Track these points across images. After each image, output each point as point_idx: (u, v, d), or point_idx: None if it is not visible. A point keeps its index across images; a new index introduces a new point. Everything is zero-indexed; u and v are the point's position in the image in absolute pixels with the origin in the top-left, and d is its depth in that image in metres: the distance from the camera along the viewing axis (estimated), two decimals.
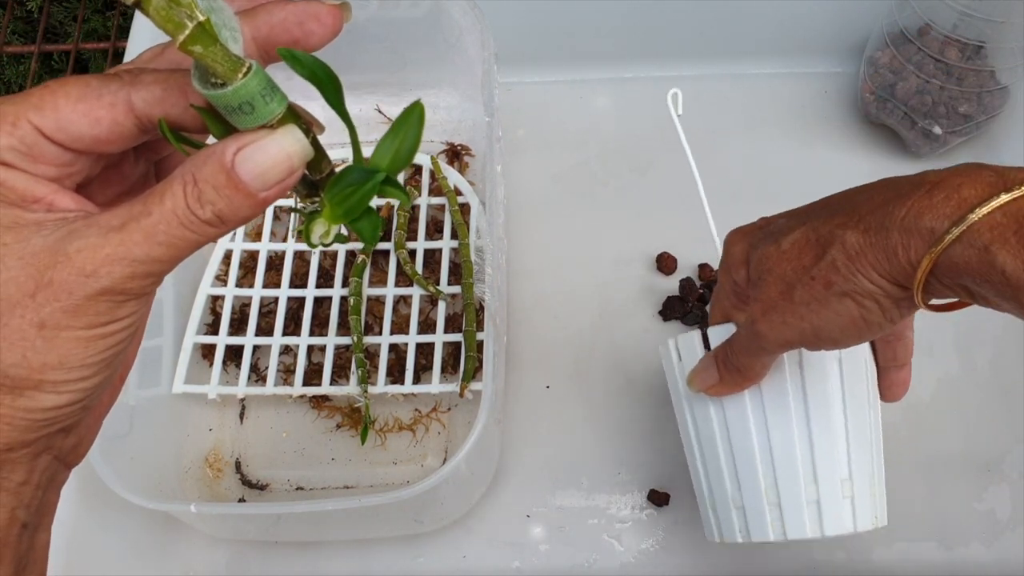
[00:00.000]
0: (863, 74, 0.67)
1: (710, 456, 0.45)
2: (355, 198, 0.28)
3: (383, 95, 0.71)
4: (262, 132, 0.26)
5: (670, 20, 0.70)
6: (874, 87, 0.66)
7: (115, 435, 0.50)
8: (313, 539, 0.56)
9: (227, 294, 0.62)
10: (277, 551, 0.55)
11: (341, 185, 0.28)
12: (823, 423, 0.43)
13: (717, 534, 0.46)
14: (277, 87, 0.26)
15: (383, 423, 0.59)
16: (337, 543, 0.56)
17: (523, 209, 0.67)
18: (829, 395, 0.43)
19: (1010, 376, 0.59)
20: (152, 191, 0.25)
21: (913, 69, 0.63)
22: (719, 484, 0.45)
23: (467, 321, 0.59)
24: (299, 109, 0.27)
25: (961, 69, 0.62)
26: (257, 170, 0.25)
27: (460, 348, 0.59)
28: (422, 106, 0.28)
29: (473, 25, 0.61)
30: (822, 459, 0.43)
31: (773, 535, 0.43)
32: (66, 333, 0.25)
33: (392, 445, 0.58)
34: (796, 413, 0.43)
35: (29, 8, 0.89)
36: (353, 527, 0.55)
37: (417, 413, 0.59)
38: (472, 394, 0.56)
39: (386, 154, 0.29)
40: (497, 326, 0.51)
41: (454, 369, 0.59)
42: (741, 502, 0.44)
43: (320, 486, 0.57)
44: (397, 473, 0.57)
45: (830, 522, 0.43)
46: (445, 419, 0.59)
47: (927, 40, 0.62)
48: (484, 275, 0.51)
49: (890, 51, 0.65)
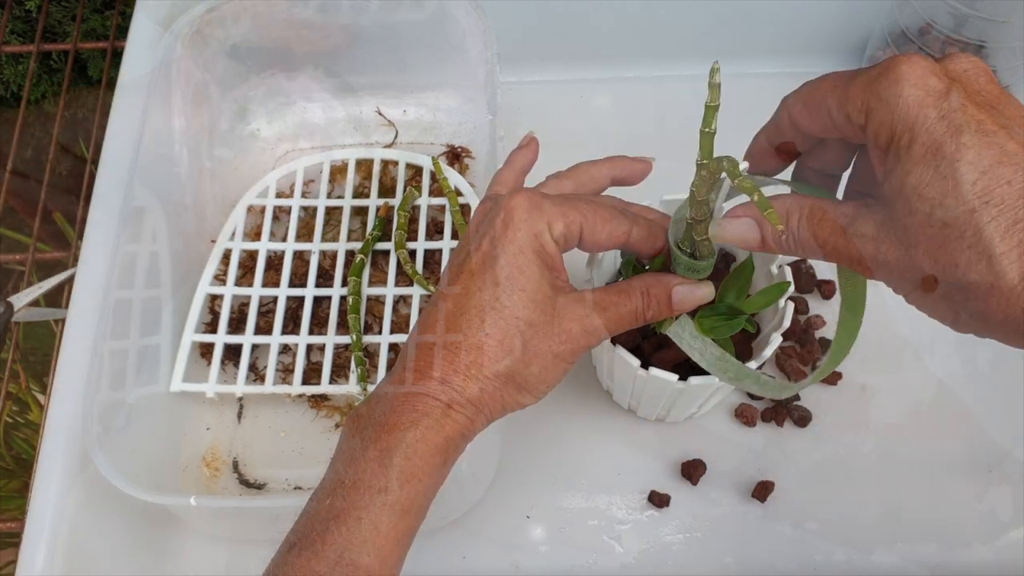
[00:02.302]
0: None
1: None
2: (725, 327, 0.44)
3: (384, 97, 0.71)
4: (692, 281, 0.41)
5: (670, 20, 0.70)
6: None
7: (113, 430, 0.50)
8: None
9: (226, 293, 0.62)
10: (275, 550, 0.55)
11: (713, 315, 0.44)
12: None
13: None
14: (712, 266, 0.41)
15: None
16: None
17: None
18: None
19: (1011, 377, 0.59)
20: (621, 290, 0.41)
21: None
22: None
23: None
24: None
25: None
26: (682, 301, 0.41)
27: None
28: (787, 285, 0.47)
29: (476, 26, 0.61)
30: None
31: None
32: (563, 365, 0.39)
33: None
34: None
35: (28, 7, 0.89)
36: None
37: None
38: None
39: (755, 303, 0.45)
40: None
41: None
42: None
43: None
44: None
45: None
46: None
47: (928, 40, 0.62)
48: None
49: (891, 51, 0.65)
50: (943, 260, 0.31)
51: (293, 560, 0.36)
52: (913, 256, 0.32)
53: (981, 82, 0.32)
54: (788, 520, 0.55)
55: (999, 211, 0.30)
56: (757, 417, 0.58)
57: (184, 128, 0.63)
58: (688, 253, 0.40)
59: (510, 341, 0.38)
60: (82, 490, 0.51)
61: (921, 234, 0.31)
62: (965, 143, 0.30)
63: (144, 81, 0.60)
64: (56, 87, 0.96)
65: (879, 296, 0.54)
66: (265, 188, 0.67)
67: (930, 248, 0.31)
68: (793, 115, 0.37)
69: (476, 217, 0.42)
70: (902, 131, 0.31)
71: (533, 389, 0.39)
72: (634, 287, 0.41)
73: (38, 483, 0.51)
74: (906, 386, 0.59)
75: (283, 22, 0.64)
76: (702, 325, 0.44)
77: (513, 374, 0.38)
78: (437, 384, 0.38)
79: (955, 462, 0.56)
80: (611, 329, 0.40)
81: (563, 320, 0.39)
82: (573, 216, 0.39)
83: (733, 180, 0.34)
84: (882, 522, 0.54)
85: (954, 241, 0.30)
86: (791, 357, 0.59)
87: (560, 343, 0.39)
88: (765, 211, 0.33)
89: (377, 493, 0.36)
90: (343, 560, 0.35)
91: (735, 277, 0.45)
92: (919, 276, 0.32)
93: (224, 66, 0.66)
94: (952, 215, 0.30)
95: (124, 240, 0.54)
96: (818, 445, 0.57)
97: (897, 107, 0.31)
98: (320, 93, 0.70)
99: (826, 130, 0.35)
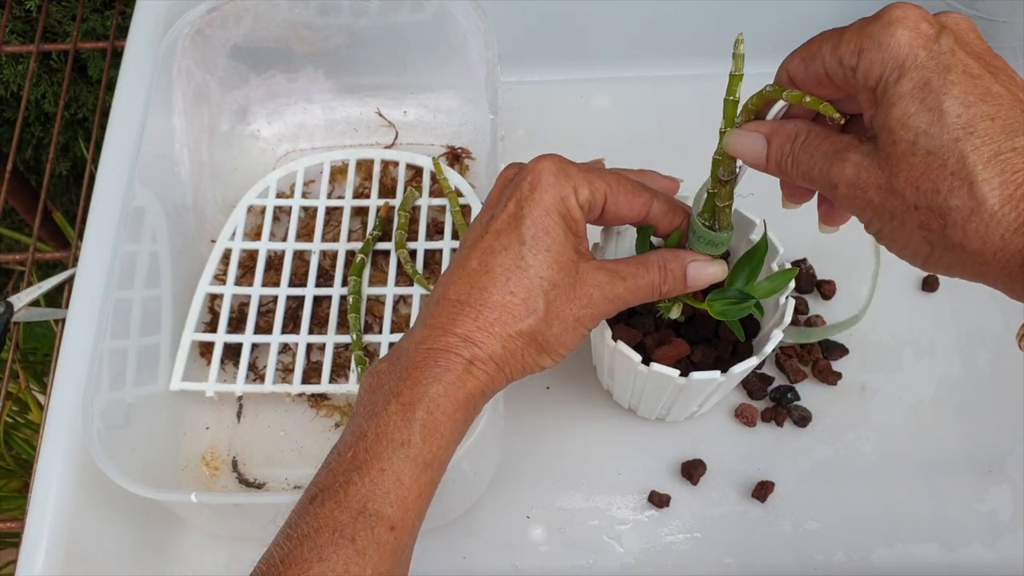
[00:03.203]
0: None
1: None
2: (734, 310, 0.44)
3: (384, 98, 0.71)
4: (706, 257, 0.43)
5: (670, 20, 0.70)
6: None
7: (113, 426, 0.50)
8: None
9: (226, 293, 0.62)
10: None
11: (724, 297, 0.45)
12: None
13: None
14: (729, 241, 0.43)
15: None
16: None
17: None
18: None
19: (1011, 376, 0.59)
20: (639, 263, 0.42)
21: None
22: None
23: None
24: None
25: None
26: (697, 277, 0.42)
27: None
28: (795, 271, 0.47)
29: (477, 27, 0.61)
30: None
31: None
32: (582, 329, 0.40)
33: None
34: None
35: (28, 7, 0.89)
36: None
37: None
38: None
39: (763, 288, 0.45)
40: None
41: None
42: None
43: None
44: None
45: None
46: None
47: None
48: None
49: None
50: (925, 186, 0.32)
51: (316, 510, 0.36)
52: (895, 183, 0.33)
53: (971, 37, 0.34)
54: (788, 520, 0.55)
55: (982, 141, 0.31)
56: (757, 417, 0.58)
57: (184, 128, 0.63)
58: (708, 224, 0.42)
59: (534, 300, 0.39)
60: (82, 490, 0.51)
61: (904, 162, 0.32)
62: (952, 80, 0.32)
63: (144, 81, 0.60)
64: (56, 87, 0.96)
65: (879, 296, 0.54)
66: (265, 188, 0.67)
67: (912, 175, 0.32)
68: (791, 71, 0.37)
69: (500, 182, 0.43)
70: (892, 68, 0.33)
71: (553, 351, 0.40)
72: (652, 260, 0.42)
73: (38, 483, 0.51)
74: (906, 386, 0.59)
75: (284, 23, 0.64)
76: (712, 308, 0.45)
77: (535, 334, 0.39)
78: (460, 340, 0.38)
79: (955, 462, 0.56)
80: (628, 300, 0.41)
81: (585, 285, 0.40)
82: (599, 184, 0.41)
83: (783, 95, 0.36)
84: (882, 522, 0.55)
85: (937, 168, 0.31)
86: (791, 357, 0.59)
87: (581, 307, 0.40)
88: (820, 106, 0.35)
89: (400, 446, 0.36)
90: (366, 510, 0.35)
91: (746, 260, 0.45)
92: (899, 206, 0.33)
93: (225, 66, 0.66)
94: (936, 143, 0.31)
95: (124, 240, 0.54)
96: (818, 445, 0.57)
97: (889, 46, 0.33)
98: (320, 94, 0.70)
99: (820, 81, 0.36)
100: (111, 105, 0.63)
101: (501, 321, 0.38)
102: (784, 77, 0.38)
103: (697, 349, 0.51)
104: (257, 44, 0.65)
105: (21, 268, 1.00)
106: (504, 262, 0.39)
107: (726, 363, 0.49)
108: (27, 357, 0.95)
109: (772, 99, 0.38)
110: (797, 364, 0.59)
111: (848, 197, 0.35)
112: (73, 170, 1.06)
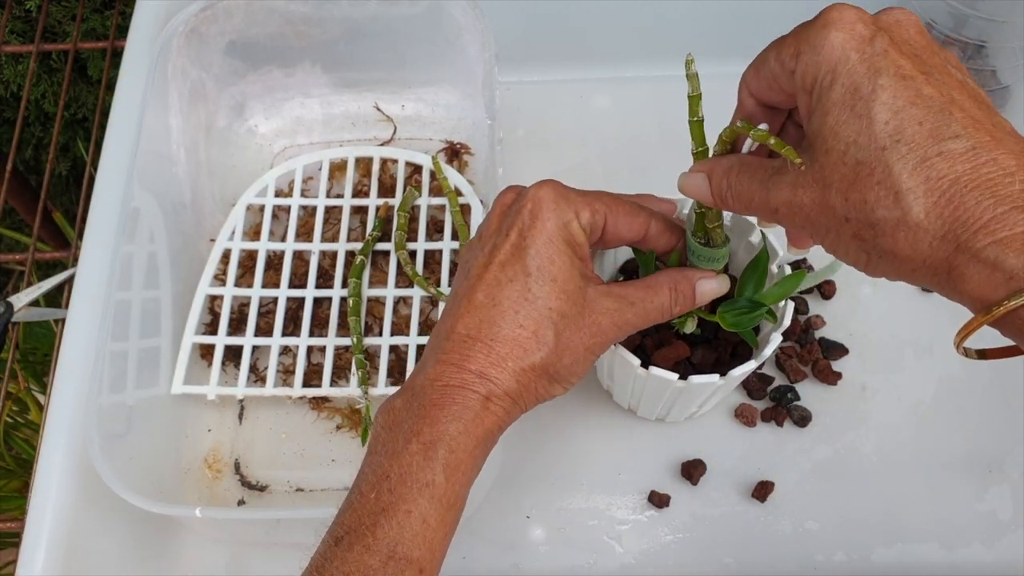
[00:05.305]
0: None
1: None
2: (746, 320, 0.45)
3: (381, 93, 0.71)
4: (710, 273, 0.43)
5: (670, 20, 0.70)
6: None
7: (114, 435, 0.50)
8: (313, 540, 0.56)
9: (226, 294, 0.62)
10: (277, 552, 0.55)
11: (735, 308, 0.45)
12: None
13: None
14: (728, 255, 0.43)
15: None
16: None
17: None
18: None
19: (1011, 376, 0.59)
20: (648, 286, 0.41)
21: None
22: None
23: None
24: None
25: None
26: (704, 292, 0.42)
27: None
28: (803, 274, 0.46)
29: (473, 24, 0.61)
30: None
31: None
32: (592, 357, 0.40)
33: None
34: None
35: (28, 7, 0.89)
36: None
37: None
38: None
39: (772, 294, 0.45)
40: None
41: None
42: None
43: (320, 487, 0.57)
44: None
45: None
46: None
47: None
48: None
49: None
50: (854, 198, 0.32)
51: (343, 555, 0.36)
52: (827, 196, 0.32)
53: (910, 32, 0.33)
54: (788, 520, 0.55)
55: (908, 149, 0.30)
56: (757, 417, 0.58)
57: (181, 127, 0.63)
58: (703, 242, 0.43)
59: (544, 332, 0.38)
60: (82, 490, 0.51)
61: (835, 173, 0.32)
62: (882, 84, 0.31)
63: (141, 80, 0.60)
64: (56, 87, 0.96)
65: (880, 296, 0.55)
66: (264, 186, 0.67)
67: (842, 187, 0.32)
68: (747, 80, 0.37)
69: (497, 208, 0.42)
70: (825, 72, 0.32)
71: (564, 380, 0.40)
72: (661, 282, 0.42)
73: (38, 483, 0.51)
74: (906, 386, 0.59)
75: (279, 17, 0.64)
76: (724, 320, 0.45)
77: (547, 366, 0.39)
78: (475, 377, 0.38)
79: (955, 462, 0.56)
80: (638, 325, 0.41)
81: (593, 313, 0.39)
82: (598, 206, 0.40)
83: (748, 132, 0.35)
84: (882, 522, 0.55)
85: (864, 178, 0.31)
86: (791, 357, 0.59)
87: (591, 336, 0.39)
88: (783, 149, 0.33)
89: (424, 487, 0.36)
90: (396, 554, 0.35)
91: (751, 270, 0.45)
92: (832, 219, 0.33)
93: (220, 63, 0.66)
94: (864, 153, 0.31)
95: (124, 240, 0.54)
96: (818, 445, 0.57)
97: (823, 49, 0.32)
98: (318, 88, 0.70)
99: (771, 87, 0.36)
100: (111, 105, 0.63)
101: (513, 356, 0.38)
102: (744, 93, 0.38)
103: (697, 351, 0.51)
104: (253, 39, 0.65)
105: (21, 268, 1.00)
106: (511, 294, 0.38)
107: (726, 365, 0.50)
108: (27, 357, 0.95)
109: (742, 133, 0.38)
110: (797, 364, 0.59)
111: (788, 216, 0.35)
112: (73, 170, 1.06)
